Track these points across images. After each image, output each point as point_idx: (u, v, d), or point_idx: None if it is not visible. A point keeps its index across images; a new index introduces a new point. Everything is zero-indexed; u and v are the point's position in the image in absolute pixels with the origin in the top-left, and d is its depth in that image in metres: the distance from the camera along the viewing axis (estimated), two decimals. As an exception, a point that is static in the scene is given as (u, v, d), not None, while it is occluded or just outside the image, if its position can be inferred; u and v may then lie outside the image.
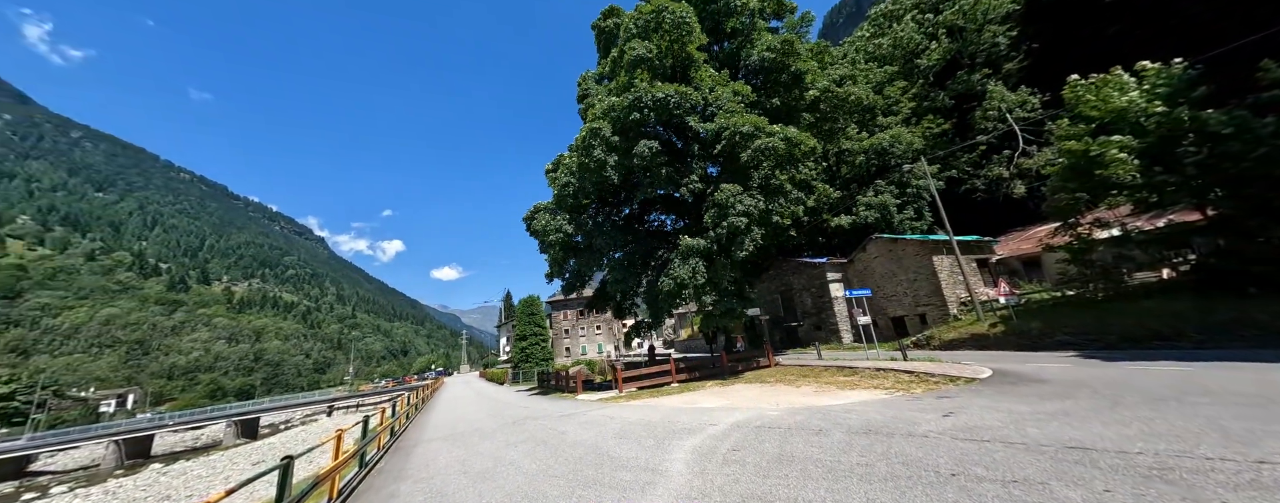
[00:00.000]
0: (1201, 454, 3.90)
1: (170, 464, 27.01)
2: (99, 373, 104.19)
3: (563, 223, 20.45)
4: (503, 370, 49.28)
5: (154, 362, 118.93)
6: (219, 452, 30.70)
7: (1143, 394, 6.36)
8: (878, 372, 11.72)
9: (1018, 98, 28.28)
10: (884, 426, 6.28)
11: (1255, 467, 3.55)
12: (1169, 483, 3.43)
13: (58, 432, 39.30)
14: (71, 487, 23.82)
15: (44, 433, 39.99)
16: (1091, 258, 14.78)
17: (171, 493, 17.54)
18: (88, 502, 18.37)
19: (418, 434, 11.86)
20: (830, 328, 25.12)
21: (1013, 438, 4.99)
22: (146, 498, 17.43)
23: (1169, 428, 4.70)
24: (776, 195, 20.17)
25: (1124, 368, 8.80)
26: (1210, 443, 4.14)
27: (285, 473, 4.42)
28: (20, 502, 21.67)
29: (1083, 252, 14.80)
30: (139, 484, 20.60)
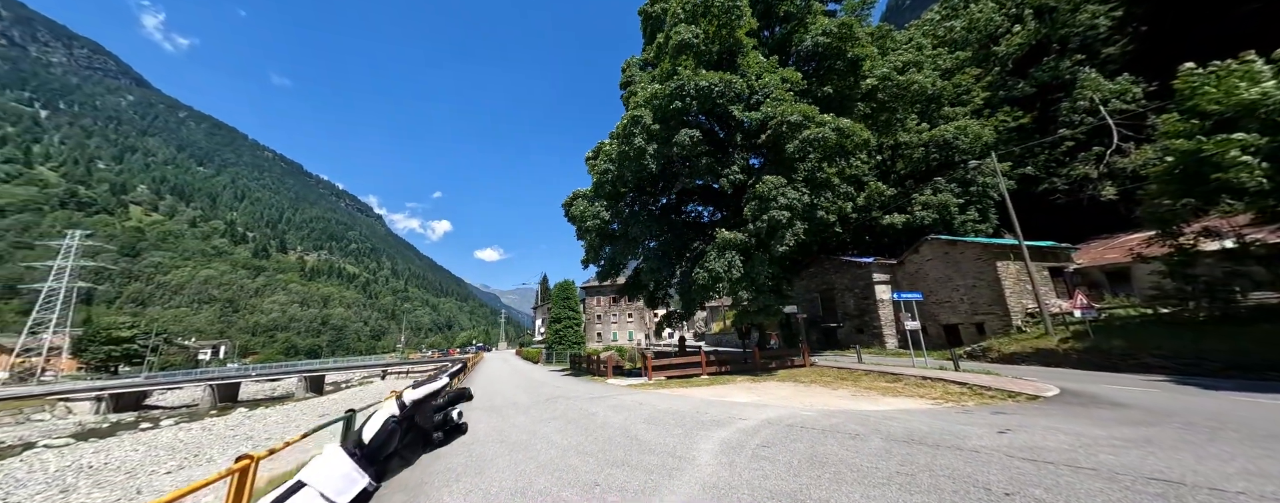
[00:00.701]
0: (1325, 503, 3.35)
1: (253, 410, 30.67)
2: (198, 326, 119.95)
3: (600, 210, 20.66)
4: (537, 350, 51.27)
5: (241, 319, 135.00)
6: (292, 402, 34.45)
7: (1249, 428, 5.54)
8: (924, 380, 11.03)
9: (1117, 87, 24.97)
10: (929, 436, 5.92)
11: (1399, 524, 3.00)
12: (1279, 530, 2.98)
13: (166, 373, 45.87)
14: (177, 421, 27.71)
15: (155, 373, 46.72)
16: (1195, 273, 12.94)
17: (253, 434, 19.89)
18: (189, 435, 21.20)
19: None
20: (873, 332, 23.90)
21: (1081, 463, 4.52)
22: (234, 436, 19.90)
23: (1277, 468, 4.07)
24: (823, 189, 19.23)
25: (1228, 398, 7.71)
26: (1338, 491, 3.54)
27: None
28: (139, 429, 25.49)
29: (1185, 264, 12.98)
30: (228, 425, 23.53)
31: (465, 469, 5.63)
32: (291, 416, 25.11)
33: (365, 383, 47.75)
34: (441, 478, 5.29)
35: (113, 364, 62.34)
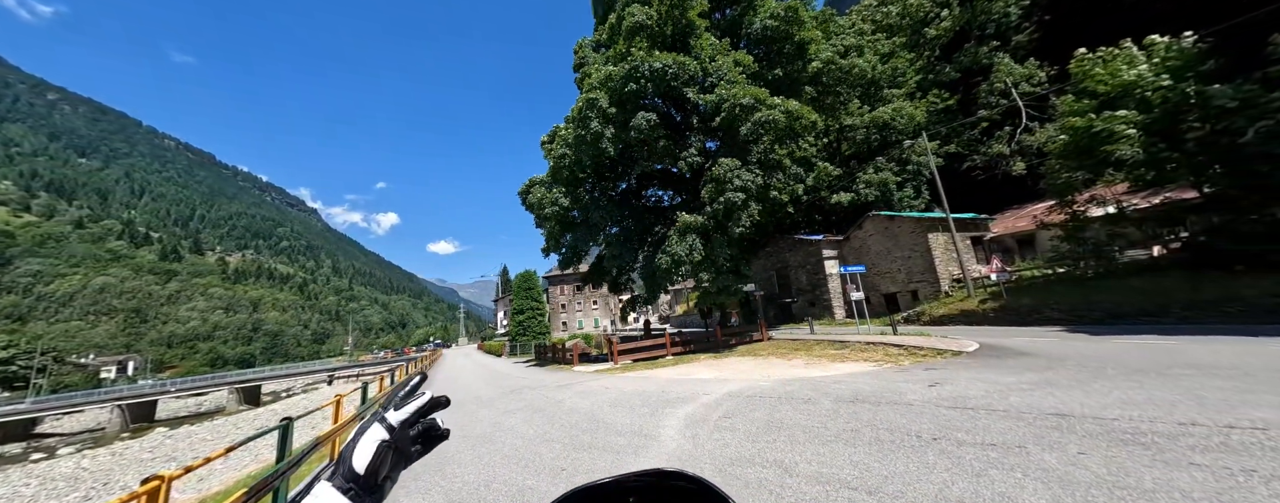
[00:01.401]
0: (1175, 420, 4.05)
1: (175, 428, 27.72)
2: (98, 340, 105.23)
3: (559, 197, 20.22)
4: (500, 343, 50.11)
5: (152, 330, 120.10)
6: (222, 417, 31.49)
7: (1125, 367, 6.55)
8: (868, 345, 11.99)
9: (1025, 71, 27.61)
10: (871, 395, 6.47)
11: (1224, 431, 3.69)
12: (1142, 446, 3.58)
13: (61, 396, 40.03)
14: (78, 448, 24.47)
15: (47, 397, 40.63)
16: (1084, 236, 14.88)
17: (177, 454, 18.05)
18: (95, 462, 18.87)
19: None
20: (824, 304, 25.51)
21: (996, 406, 5.15)
22: (153, 459, 17.96)
23: (1147, 397, 4.86)
24: (775, 171, 19.93)
25: (1109, 343, 9.03)
26: (1185, 410, 4.29)
27: (285, 434, 4.52)
28: (30, 461, 22.28)
29: (1077, 229, 14.88)
30: (145, 446, 21.19)
31: (425, 469, 5.44)
32: (223, 431, 23.07)
33: (309, 390, 44.50)
34: (399, 481, 5.09)
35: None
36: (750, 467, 4.11)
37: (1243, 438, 3.52)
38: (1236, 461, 3.16)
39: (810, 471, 3.85)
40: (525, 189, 22.13)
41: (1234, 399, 4.50)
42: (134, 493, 2.64)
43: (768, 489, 3.56)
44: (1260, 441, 3.43)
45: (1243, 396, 4.59)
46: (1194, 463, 3.20)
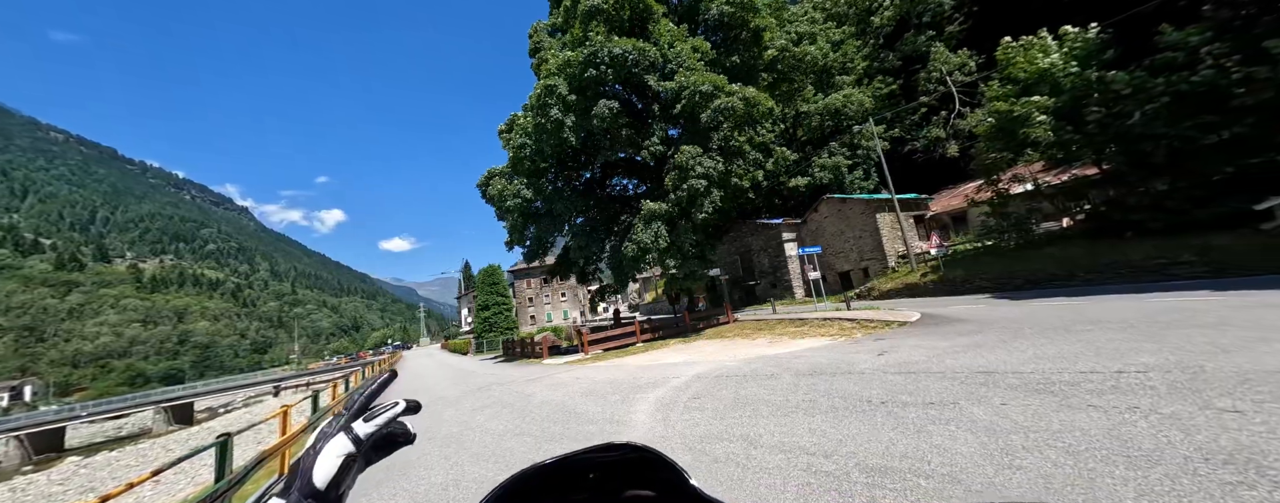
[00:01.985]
0: (1077, 369, 4.67)
1: (91, 456, 24.93)
2: None
3: (520, 188, 19.67)
4: (465, 341, 48.67)
5: (51, 349, 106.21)
6: (149, 440, 28.68)
7: (1039, 326, 7.40)
8: (824, 322, 12.75)
9: (958, 60, 29.59)
10: (827, 367, 6.94)
11: (1115, 376, 4.31)
12: (1052, 394, 4.10)
13: None
14: None
15: None
16: (1007, 211, 16.46)
17: (96, 484, 16.29)
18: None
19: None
20: (785, 285, 26.71)
21: (934, 368, 5.69)
22: (65, 492, 16.11)
23: (1056, 351, 5.55)
24: (736, 157, 20.37)
25: (1027, 306, 10.14)
26: (1085, 361, 4.95)
27: (223, 450, 4.21)
28: None
29: (1000, 205, 16.42)
30: (55, 479, 18.95)
31: (388, 474, 5.25)
32: (150, 455, 21.08)
33: (252, 403, 41.28)
34: (359, 490, 4.83)
35: None
36: (718, 442, 4.33)
37: (1129, 381, 4.12)
38: (1124, 400, 3.70)
39: (773, 441, 4.11)
40: (484, 181, 21.33)
41: (1123, 348, 5.23)
42: None
43: (735, 462, 3.77)
44: (1142, 382, 4.04)
45: (1129, 345, 5.35)
46: (1092, 405, 3.71)
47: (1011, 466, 2.92)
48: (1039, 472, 2.78)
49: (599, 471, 0.51)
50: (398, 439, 0.51)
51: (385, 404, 0.48)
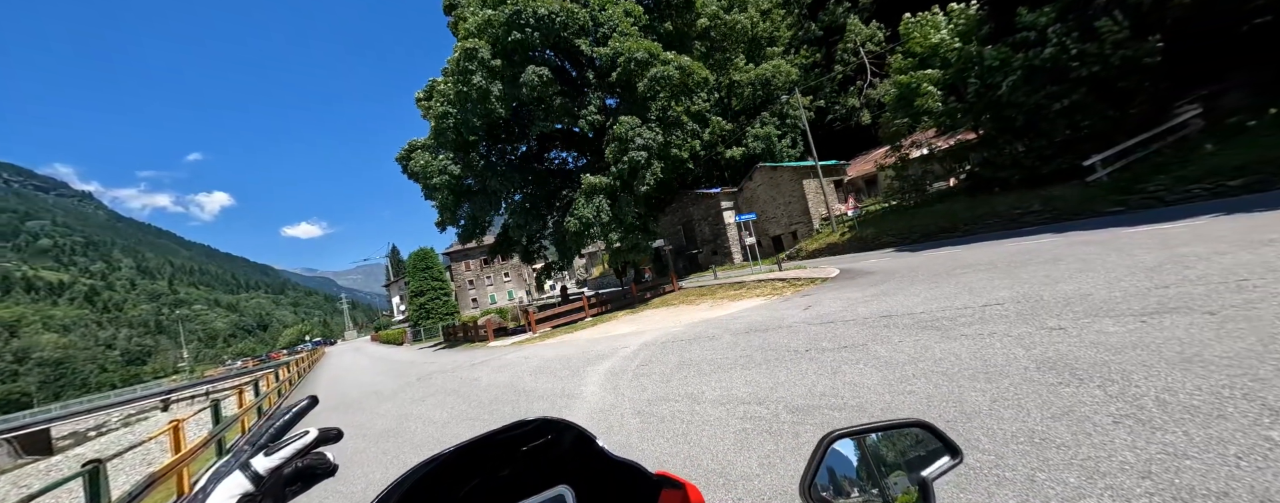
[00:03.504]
0: (956, 307, 5.59)
1: None
2: None
3: (447, 163, 18.22)
4: (400, 331, 45.68)
5: None
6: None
7: (929, 273, 8.66)
8: (759, 283, 13.78)
9: (869, 32, 31.71)
10: (761, 324, 7.59)
11: (981, 309, 5.24)
12: (935, 329, 4.91)
13: None
14: None
15: None
16: (908, 174, 18.57)
17: None
18: None
19: None
20: (724, 251, 28.15)
21: (848, 317, 6.49)
22: None
23: (940, 293, 6.57)
24: (674, 128, 20.44)
25: (921, 256, 11.75)
26: (961, 299, 5.93)
27: (94, 478, 3.63)
28: None
29: (901, 169, 18.47)
30: None
31: None
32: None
33: (134, 421, 35.66)
34: None
35: None
36: (665, 403, 4.64)
37: (991, 312, 5.04)
38: (986, 328, 4.54)
39: (714, 396, 4.50)
40: (404, 154, 19.39)
41: (987, 286, 6.33)
42: None
43: (680, 419, 4.09)
44: (1000, 313, 4.96)
45: (991, 283, 6.48)
46: (964, 334, 4.51)
47: (904, 391, 3.50)
48: (924, 393, 3.37)
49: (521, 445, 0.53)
50: (317, 472, 0.44)
51: (294, 435, 0.42)
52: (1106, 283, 5.04)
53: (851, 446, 0.57)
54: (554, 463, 0.51)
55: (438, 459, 0.46)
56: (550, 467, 0.51)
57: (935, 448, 0.64)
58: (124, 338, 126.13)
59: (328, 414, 8.91)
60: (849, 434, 0.55)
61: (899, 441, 0.67)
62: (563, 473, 0.49)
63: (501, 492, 0.49)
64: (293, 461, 0.41)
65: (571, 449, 0.51)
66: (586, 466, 0.51)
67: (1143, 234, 7.45)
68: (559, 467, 0.51)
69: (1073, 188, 12.57)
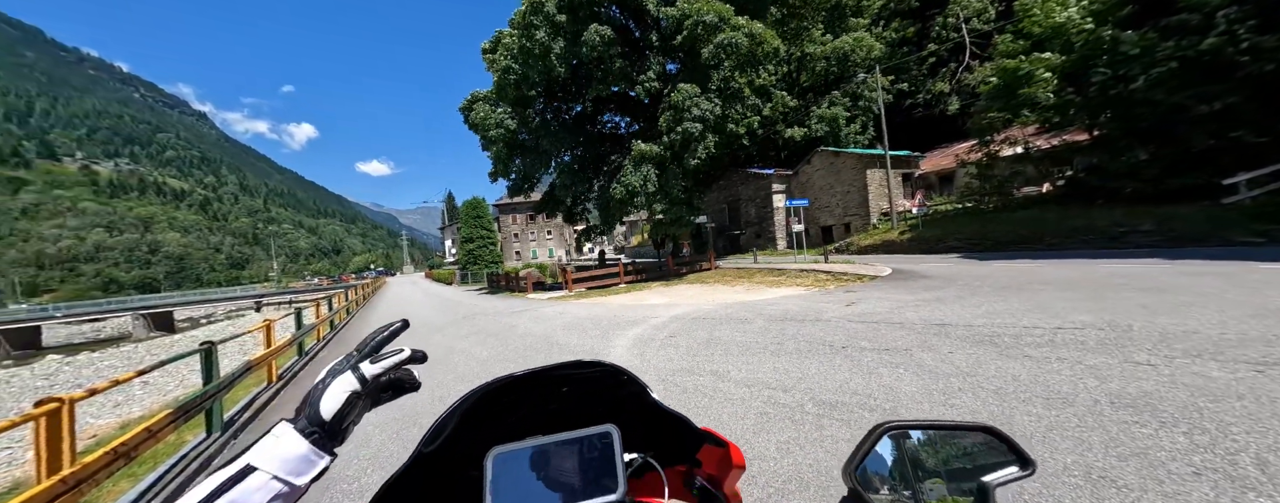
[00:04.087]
0: (1022, 325, 5.10)
1: (73, 355, 25.32)
2: None
3: (505, 117, 18.59)
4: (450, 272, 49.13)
5: (10, 249, 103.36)
6: (131, 344, 29.11)
7: (995, 285, 7.90)
8: (801, 273, 13.27)
9: (980, 5, 27.68)
10: (798, 314, 7.36)
11: (1053, 332, 4.74)
12: (993, 345, 4.52)
13: None
14: None
15: None
16: (994, 174, 16.63)
17: (82, 380, 16.79)
18: None
19: (361, 329, 12.11)
20: (768, 236, 27.20)
21: (894, 319, 6.12)
22: (51, 386, 16.60)
23: (1006, 308, 6.00)
24: (734, 101, 19.44)
25: (990, 266, 10.72)
26: (1030, 317, 5.38)
27: (208, 357, 4.37)
28: None
29: (986, 167, 16.54)
30: (38, 373, 19.38)
31: None
32: (134, 357, 21.43)
33: (234, 317, 41.84)
34: None
35: None
36: (690, 376, 4.69)
37: (1064, 336, 4.55)
38: (1054, 352, 4.12)
39: (740, 376, 4.48)
40: (467, 105, 19.96)
41: (1065, 308, 5.69)
42: (28, 415, 2.33)
43: (703, 392, 4.13)
44: (1074, 338, 4.46)
45: (1071, 305, 5.81)
46: (1027, 355, 4.12)
47: (946, 403, 3.29)
48: (968, 407, 3.15)
49: (570, 385, 0.54)
50: (403, 385, 0.53)
51: (392, 350, 0.50)
52: (1220, 322, 4.36)
53: (890, 444, 0.53)
54: (605, 403, 0.52)
55: (497, 383, 0.50)
56: (600, 406, 0.53)
57: (999, 459, 0.58)
58: (228, 245, 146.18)
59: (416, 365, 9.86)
60: (906, 427, 0.50)
61: (945, 447, 0.61)
62: (611, 414, 0.50)
63: (552, 421, 0.52)
64: (389, 372, 0.49)
65: (622, 393, 0.52)
66: (635, 410, 0.51)
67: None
68: (609, 407, 0.52)
69: (1200, 209, 10.72)
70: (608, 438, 0.47)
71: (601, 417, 0.49)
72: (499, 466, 0.46)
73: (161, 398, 9.09)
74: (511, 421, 0.53)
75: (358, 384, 0.47)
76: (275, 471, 0.41)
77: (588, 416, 0.51)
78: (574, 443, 0.46)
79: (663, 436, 0.52)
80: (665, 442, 0.52)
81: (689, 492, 0.51)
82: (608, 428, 0.47)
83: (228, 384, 4.51)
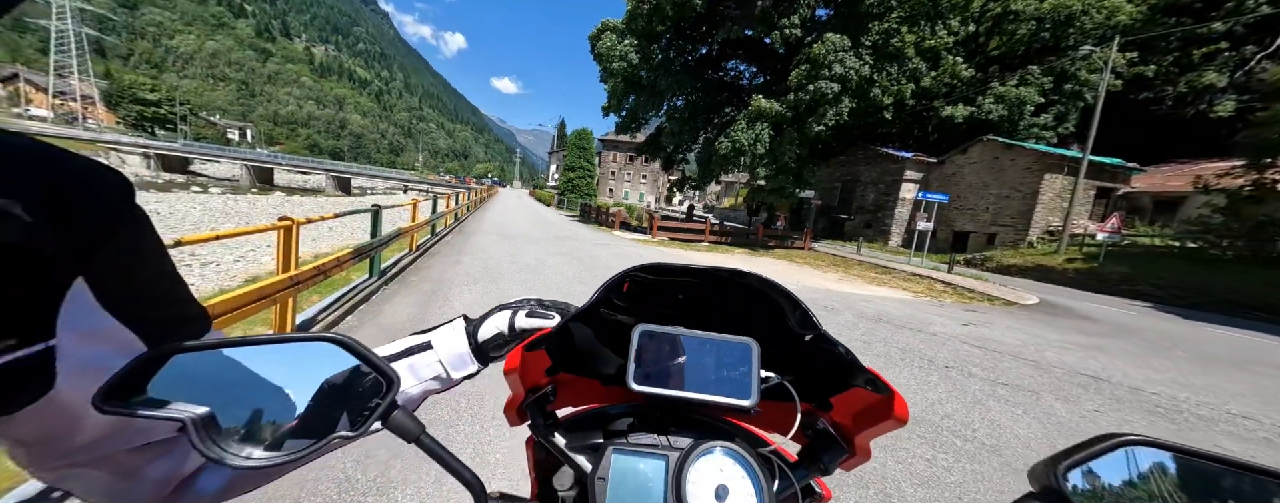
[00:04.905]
0: (1226, 409, 3.79)
1: (290, 196, 33.95)
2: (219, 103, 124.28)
3: (629, 50, 18.13)
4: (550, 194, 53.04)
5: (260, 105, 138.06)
6: (324, 197, 38.01)
7: (1198, 351, 5.96)
8: (913, 276, 11.53)
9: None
10: (897, 318, 6.46)
11: (1274, 428, 3.44)
12: (1169, 420, 3.45)
13: (202, 145, 49.41)
14: (223, 192, 30.63)
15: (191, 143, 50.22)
16: (1256, 210, 11.98)
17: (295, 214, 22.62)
18: (236, 204, 23.75)
19: (476, 226, 13.96)
20: (882, 228, 23.94)
21: (1025, 355, 5.02)
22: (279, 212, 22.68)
23: (1206, 383, 4.51)
24: (890, 61, 16.37)
25: (1198, 328, 8.09)
26: (1243, 403, 3.97)
27: (376, 216, 5.50)
28: (192, 191, 28.60)
29: (1246, 202, 11.90)
30: (271, 203, 26.47)
31: (481, 276, 6.61)
32: (326, 206, 27.78)
33: (389, 193, 51.40)
34: (461, 280, 6.20)
35: (147, 125, 66.62)
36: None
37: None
38: (1262, 452, 3.00)
39: (812, 361, 4.12)
40: (597, 34, 19.82)
41: (1312, 410, 4.07)
42: (274, 224, 3.35)
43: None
44: (1314, 449, 3.19)
45: (1326, 409, 4.13)
46: (1217, 444, 3.08)
47: (1075, 466, 2.63)
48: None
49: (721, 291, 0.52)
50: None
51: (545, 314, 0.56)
52: None
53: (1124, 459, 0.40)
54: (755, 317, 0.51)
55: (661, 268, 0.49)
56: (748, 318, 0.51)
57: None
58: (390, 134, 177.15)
59: (496, 239, 11.20)
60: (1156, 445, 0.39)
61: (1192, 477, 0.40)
62: (756, 329, 0.49)
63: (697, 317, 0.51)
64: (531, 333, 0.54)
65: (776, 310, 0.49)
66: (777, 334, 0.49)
67: None
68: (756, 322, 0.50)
69: None
70: (747, 350, 0.48)
71: (749, 330, 0.48)
72: (643, 340, 0.48)
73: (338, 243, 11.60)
74: (655, 305, 0.53)
75: (506, 328, 0.55)
76: (442, 356, 0.51)
77: (737, 324, 0.50)
78: (714, 344, 0.48)
79: (812, 362, 0.50)
80: (812, 370, 0.50)
81: (802, 432, 0.49)
82: (748, 340, 0.47)
83: (385, 242, 5.67)
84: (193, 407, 0.29)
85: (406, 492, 1.96)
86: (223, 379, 0.32)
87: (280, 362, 0.34)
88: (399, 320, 4.39)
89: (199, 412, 0.29)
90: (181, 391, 0.29)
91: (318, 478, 1.99)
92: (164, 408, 0.28)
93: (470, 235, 11.40)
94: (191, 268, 8.49)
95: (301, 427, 0.33)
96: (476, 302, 5.19)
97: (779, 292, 0.48)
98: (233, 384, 0.32)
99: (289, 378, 0.34)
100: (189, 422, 0.28)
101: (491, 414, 2.68)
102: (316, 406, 0.34)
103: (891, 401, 0.43)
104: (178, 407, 0.28)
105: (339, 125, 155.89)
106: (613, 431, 0.53)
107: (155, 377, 0.28)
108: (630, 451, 0.47)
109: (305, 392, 0.34)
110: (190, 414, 0.28)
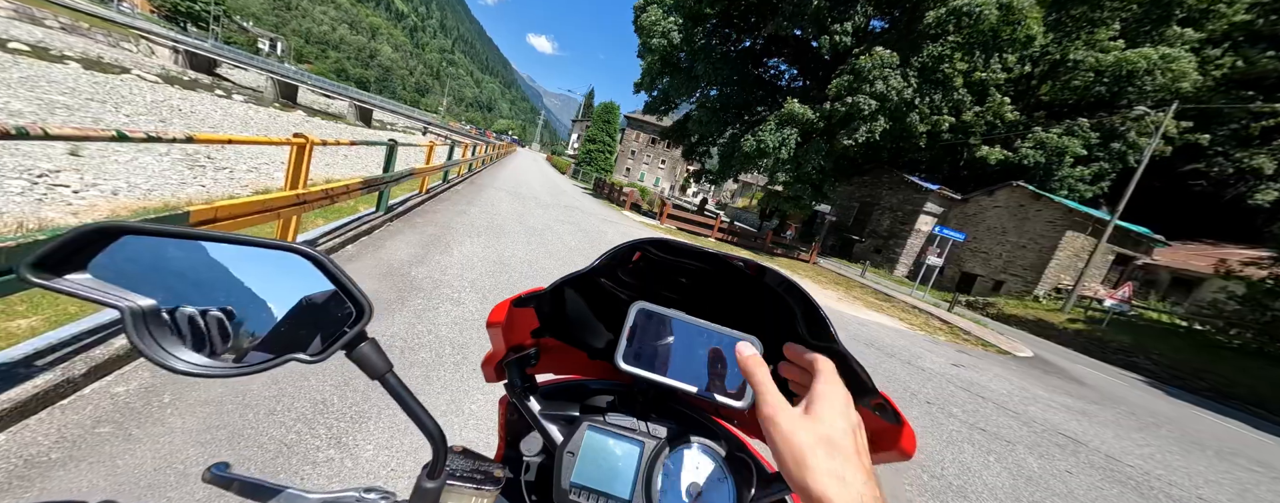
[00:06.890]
0: (1196, 493, 3.76)
1: (311, 116, 33.82)
2: (253, 11, 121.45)
3: (672, 28, 17.53)
4: (566, 162, 52.59)
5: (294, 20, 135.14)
6: (344, 124, 37.91)
7: (1182, 434, 5.91)
8: (912, 308, 11.44)
9: None
10: (888, 347, 6.41)
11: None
12: (1139, 493, 3.42)
13: (232, 49, 48.61)
14: (246, 101, 30.49)
15: (222, 46, 49.46)
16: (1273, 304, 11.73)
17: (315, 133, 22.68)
18: (257, 115, 23.66)
19: (489, 181, 13.90)
20: (891, 256, 23.69)
21: (1009, 405, 4.98)
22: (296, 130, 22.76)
23: (1185, 465, 4.47)
24: (935, 88, 15.80)
25: (1186, 410, 8.04)
26: (1214, 490, 3.94)
27: (391, 152, 5.41)
28: (216, 94, 28.40)
29: (1267, 293, 11.65)
30: (292, 121, 26.41)
31: (486, 230, 6.60)
32: (344, 133, 27.64)
33: (408, 132, 51.09)
34: (465, 231, 6.16)
35: (181, 19, 65.90)
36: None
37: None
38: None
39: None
40: (642, 4, 19.13)
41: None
42: (289, 139, 3.30)
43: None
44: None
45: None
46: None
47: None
48: (1069, 544, 2.46)
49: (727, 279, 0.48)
50: None
51: None
52: None
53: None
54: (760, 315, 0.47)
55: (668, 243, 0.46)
56: (751, 315, 0.48)
57: None
58: (419, 72, 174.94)
59: (507, 196, 11.13)
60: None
61: None
62: (758, 328, 0.44)
63: (698, 305, 0.48)
64: None
65: (784, 312, 0.46)
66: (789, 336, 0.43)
67: None
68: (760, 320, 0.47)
69: None
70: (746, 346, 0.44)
71: (741, 326, 0.44)
72: (639, 318, 0.45)
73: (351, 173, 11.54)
74: (656, 285, 0.51)
75: None
76: None
77: (740, 320, 0.46)
78: (714, 336, 0.44)
79: None
80: None
81: None
82: (752, 338, 0.43)
83: (397, 179, 5.63)
84: (136, 296, 0.25)
85: (380, 423, 1.95)
86: (180, 273, 0.28)
87: (252, 268, 0.30)
88: (399, 258, 4.38)
89: (142, 304, 0.25)
90: (127, 276, 0.26)
91: (295, 394, 1.99)
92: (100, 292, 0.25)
93: (482, 188, 11.36)
94: (206, 170, 8.49)
95: (263, 341, 0.30)
96: (478, 255, 5.15)
97: (796, 295, 0.43)
98: (192, 282, 0.28)
99: (260, 287, 0.30)
100: (126, 311, 0.25)
101: (474, 366, 2.67)
102: (287, 322, 0.31)
103: (900, 431, 0.41)
104: (117, 292, 0.25)
105: (369, 55, 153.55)
106: (590, 406, 0.50)
107: (100, 255, 0.25)
108: (605, 430, 0.44)
109: (277, 305, 0.31)
110: (129, 304, 0.25)
